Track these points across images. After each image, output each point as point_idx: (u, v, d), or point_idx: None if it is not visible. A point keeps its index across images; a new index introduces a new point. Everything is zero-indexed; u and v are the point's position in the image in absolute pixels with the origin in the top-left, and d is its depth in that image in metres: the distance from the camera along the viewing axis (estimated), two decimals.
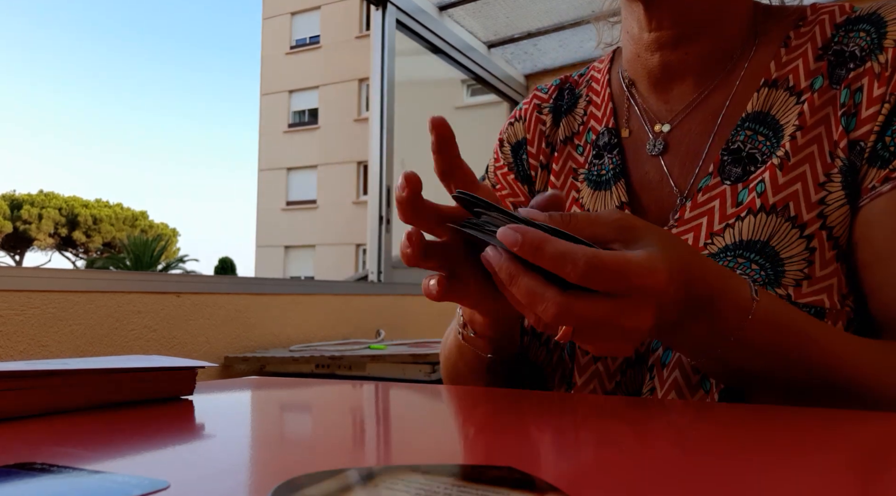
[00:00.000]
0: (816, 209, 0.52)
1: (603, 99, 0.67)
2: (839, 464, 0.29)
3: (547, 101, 0.72)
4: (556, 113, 0.70)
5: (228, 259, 22.14)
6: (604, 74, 0.69)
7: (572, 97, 0.71)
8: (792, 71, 0.57)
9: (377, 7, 2.52)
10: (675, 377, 0.52)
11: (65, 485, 0.25)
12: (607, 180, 0.63)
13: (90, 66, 52.67)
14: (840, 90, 0.54)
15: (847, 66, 0.54)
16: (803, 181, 0.53)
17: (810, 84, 0.56)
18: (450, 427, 0.42)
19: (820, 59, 0.56)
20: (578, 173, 0.66)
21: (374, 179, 2.47)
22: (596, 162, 0.65)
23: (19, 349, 1.39)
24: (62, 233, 26.01)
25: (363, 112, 19.65)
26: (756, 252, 0.52)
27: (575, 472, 0.28)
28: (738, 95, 0.59)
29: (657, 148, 0.61)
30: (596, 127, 0.67)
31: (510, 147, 0.72)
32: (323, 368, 1.75)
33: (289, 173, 22.38)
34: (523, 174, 0.71)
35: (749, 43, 0.60)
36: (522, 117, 0.72)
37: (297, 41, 22.23)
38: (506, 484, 0.24)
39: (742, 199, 0.55)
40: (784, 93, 0.56)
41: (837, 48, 0.56)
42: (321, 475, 0.26)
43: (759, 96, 0.57)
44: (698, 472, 0.28)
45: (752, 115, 0.57)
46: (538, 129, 0.70)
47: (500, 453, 0.32)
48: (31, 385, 0.41)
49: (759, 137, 0.56)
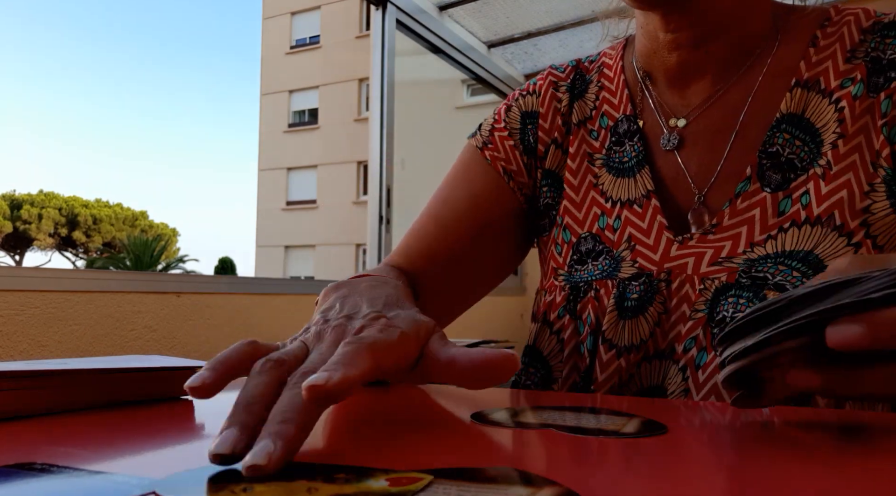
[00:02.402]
0: (861, 217, 0.52)
1: (618, 86, 0.66)
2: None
3: (565, 80, 0.69)
4: (572, 94, 0.68)
5: (228, 259, 22.14)
6: (617, 61, 0.68)
7: (583, 82, 0.69)
8: (822, 72, 0.56)
9: (377, 7, 2.52)
10: (715, 381, 0.51)
11: (65, 485, 0.25)
12: (631, 168, 0.61)
13: (90, 67, 52.72)
14: (880, 99, 0.53)
15: (887, 75, 0.53)
16: (849, 189, 0.52)
17: (840, 84, 0.55)
18: (450, 427, 0.42)
19: (849, 62, 0.55)
20: (595, 158, 0.64)
21: (374, 179, 2.47)
22: (616, 148, 0.63)
23: (19, 349, 1.39)
24: (62, 233, 26.01)
25: (363, 112, 19.64)
26: (799, 261, 0.52)
27: (576, 472, 0.28)
28: (761, 93, 0.57)
29: (672, 143, 0.60)
30: (612, 113, 0.65)
31: (519, 113, 0.69)
32: None
33: (289, 173, 22.37)
34: (526, 144, 0.67)
35: (770, 40, 0.59)
36: (536, 92, 0.69)
37: (297, 41, 22.23)
38: (506, 482, 0.24)
39: (784, 209, 0.54)
40: (817, 95, 0.55)
41: (874, 55, 0.54)
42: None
43: (792, 97, 0.56)
44: (707, 474, 0.28)
45: (788, 116, 0.56)
46: (553, 106, 0.68)
47: (500, 452, 0.32)
48: (31, 385, 0.41)
49: (797, 142, 0.55)
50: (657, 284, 0.56)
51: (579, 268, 0.62)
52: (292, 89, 22.25)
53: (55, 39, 52.70)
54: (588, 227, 0.63)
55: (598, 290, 0.59)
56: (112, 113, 52.58)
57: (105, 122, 52.92)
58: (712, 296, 0.53)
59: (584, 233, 0.63)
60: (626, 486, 0.26)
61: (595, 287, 0.59)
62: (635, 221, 0.60)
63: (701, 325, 0.53)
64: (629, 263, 0.58)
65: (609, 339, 0.57)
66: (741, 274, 0.53)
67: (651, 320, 0.55)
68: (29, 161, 53.65)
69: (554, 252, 0.65)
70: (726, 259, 0.54)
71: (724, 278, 0.53)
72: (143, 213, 28.68)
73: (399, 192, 2.55)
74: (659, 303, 0.55)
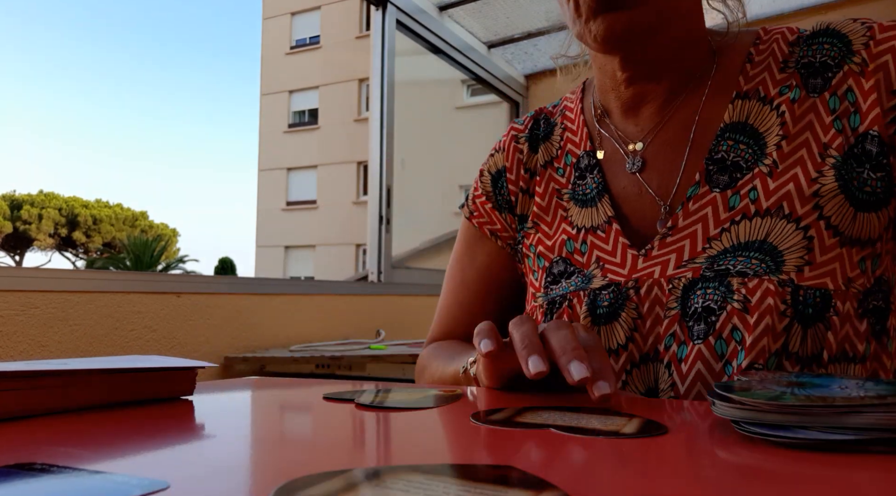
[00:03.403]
0: (811, 202, 0.56)
1: (578, 126, 0.73)
2: None
3: (523, 131, 0.77)
4: (533, 141, 0.76)
5: (228, 259, 22.14)
6: (577, 103, 0.75)
7: (548, 126, 0.76)
8: (761, 82, 0.62)
9: (377, 7, 2.52)
10: (697, 369, 0.55)
11: (65, 485, 0.25)
12: (592, 198, 0.68)
13: (90, 67, 52.69)
14: (826, 98, 0.59)
15: (824, 76, 0.60)
16: (795, 182, 0.57)
17: (779, 92, 0.61)
18: (450, 427, 0.42)
19: (783, 71, 0.62)
20: (563, 193, 0.71)
21: (374, 179, 2.47)
22: (580, 182, 0.70)
23: (19, 349, 1.39)
24: (62, 233, 26.01)
25: (363, 112, 19.65)
26: (755, 250, 0.56)
27: (576, 472, 0.28)
28: (707, 108, 0.64)
29: (636, 165, 0.66)
30: (574, 150, 0.72)
31: (490, 177, 0.78)
32: (323, 368, 1.75)
33: (289, 173, 22.37)
34: (502, 202, 0.76)
35: (709, 62, 0.66)
36: (501, 148, 0.78)
37: (297, 41, 22.23)
38: (506, 483, 0.24)
39: (734, 205, 0.59)
40: (757, 103, 0.62)
41: (805, 61, 0.61)
42: (322, 476, 0.26)
43: (734, 107, 0.62)
44: (701, 474, 0.28)
45: (731, 125, 0.62)
46: (516, 158, 0.76)
47: (500, 453, 0.32)
48: (31, 385, 0.41)
49: (742, 146, 0.61)
50: (626, 292, 0.60)
51: (554, 288, 0.67)
52: (292, 89, 22.25)
53: (55, 39, 52.71)
54: (558, 253, 0.69)
55: (572, 300, 0.64)
56: (112, 113, 52.61)
57: (105, 122, 52.94)
58: (681, 294, 0.58)
59: (556, 257, 0.69)
60: (626, 488, 0.26)
61: (569, 298, 0.64)
62: (600, 245, 0.65)
63: (676, 321, 0.57)
64: (600, 278, 0.63)
65: None
66: (705, 269, 0.57)
67: (626, 325, 0.60)
68: (29, 161, 53.66)
69: (531, 279, 0.72)
70: (689, 261, 0.59)
71: (690, 275, 0.58)
72: (143, 214, 28.68)
73: (399, 192, 2.55)
74: (632, 310, 0.60)
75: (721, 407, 0.36)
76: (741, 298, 0.54)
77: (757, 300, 0.53)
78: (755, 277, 0.54)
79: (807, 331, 0.53)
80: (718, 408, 0.36)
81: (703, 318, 0.55)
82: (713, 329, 0.54)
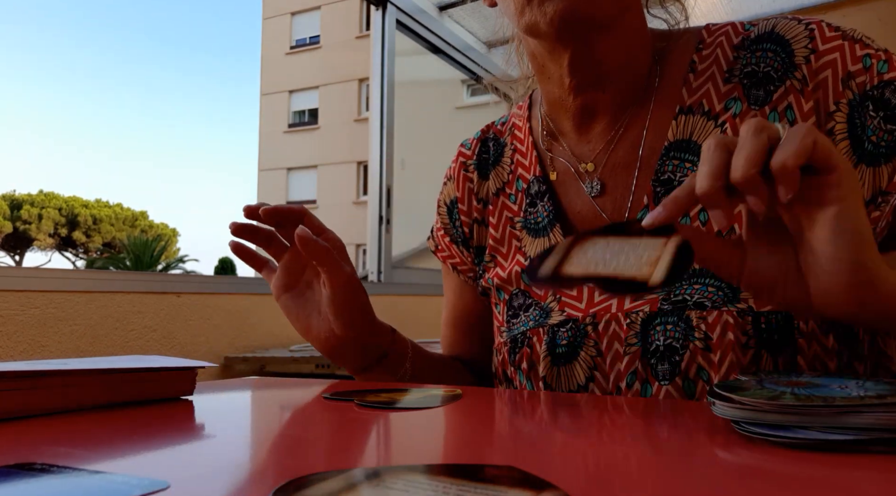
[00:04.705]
0: None
1: (527, 147, 0.69)
2: None
3: (470, 157, 0.74)
4: (482, 167, 0.72)
5: (228, 259, 22.11)
6: (524, 122, 0.71)
7: (498, 147, 0.72)
8: (705, 95, 0.59)
9: (377, 7, 2.52)
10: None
11: (65, 485, 0.25)
12: (544, 227, 0.65)
13: (90, 67, 52.71)
14: (766, 112, 0.56)
15: (766, 88, 0.57)
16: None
17: (724, 106, 0.58)
18: (450, 427, 0.42)
19: (728, 82, 0.58)
20: (515, 222, 0.68)
21: (374, 179, 2.47)
22: (531, 210, 0.67)
23: (19, 349, 1.40)
24: (62, 233, 26.01)
25: (363, 112, 19.64)
26: (709, 276, 0.54)
27: (577, 472, 0.28)
28: (652, 125, 0.61)
29: (595, 189, 0.62)
30: (525, 175, 0.68)
31: (445, 208, 0.75)
32: (323, 368, 1.75)
33: (289, 173, 22.37)
34: (458, 235, 0.73)
35: (653, 71, 0.62)
36: (452, 177, 0.75)
37: (297, 41, 22.22)
38: (505, 483, 0.24)
39: None
40: (701, 118, 0.58)
41: (748, 70, 0.58)
42: (322, 476, 0.26)
43: (677, 124, 0.59)
44: (698, 473, 0.28)
45: (675, 143, 0.59)
46: (466, 187, 0.73)
47: (500, 453, 0.32)
48: (31, 385, 0.41)
49: (687, 164, 0.58)
50: (584, 328, 0.58)
51: (515, 322, 0.65)
52: (292, 89, 22.25)
53: (55, 39, 52.73)
54: (516, 285, 0.66)
55: (531, 338, 0.61)
56: (112, 113, 52.61)
57: (105, 122, 52.95)
58: (640, 330, 0.55)
59: (515, 289, 0.66)
60: (626, 488, 0.26)
61: (528, 336, 0.62)
62: None
63: (637, 359, 0.55)
64: (558, 313, 0.61)
65: (549, 385, 0.59)
66: (662, 301, 0.55)
67: (585, 365, 0.58)
68: (29, 161, 53.67)
69: (496, 312, 0.69)
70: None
71: (648, 309, 0.55)
72: (143, 214, 28.67)
73: (399, 192, 2.55)
74: (591, 347, 0.58)
75: (721, 407, 0.36)
76: (702, 335, 0.52)
77: (717, 337, 0.51)
78: (714, 309, 0.52)
79: (777, 357, 0.51)
80: (718, 408, 0.36)
81: (667, 358, 0.53)
82: (678, 369, 0.53)
